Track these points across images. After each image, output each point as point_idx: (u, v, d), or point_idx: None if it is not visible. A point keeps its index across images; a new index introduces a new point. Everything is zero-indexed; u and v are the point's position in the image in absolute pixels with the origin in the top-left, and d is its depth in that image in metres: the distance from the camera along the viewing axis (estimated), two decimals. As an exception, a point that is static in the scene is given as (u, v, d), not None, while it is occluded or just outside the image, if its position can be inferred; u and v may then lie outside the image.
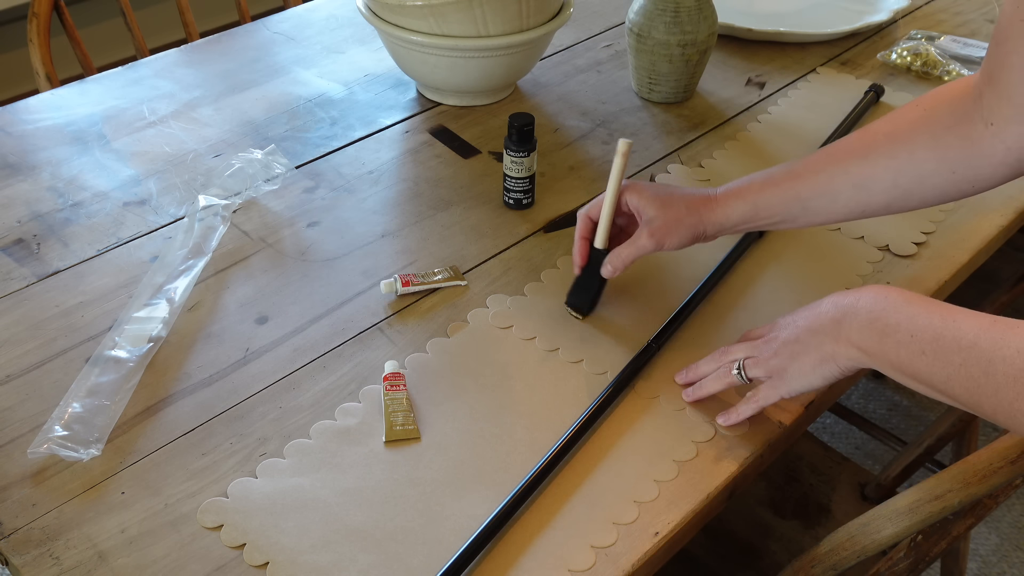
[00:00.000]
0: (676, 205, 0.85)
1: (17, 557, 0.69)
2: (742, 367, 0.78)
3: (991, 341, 0.63)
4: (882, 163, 0.80)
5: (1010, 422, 0.62)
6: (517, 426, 0.80)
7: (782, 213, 0.84)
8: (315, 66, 1.33)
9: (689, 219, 0.85)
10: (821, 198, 0.83)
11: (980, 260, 1.02)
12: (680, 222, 0.85)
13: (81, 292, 0.93)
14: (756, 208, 0.84)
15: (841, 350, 0.72)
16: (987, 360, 0.62)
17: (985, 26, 1.44)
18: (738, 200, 0.85)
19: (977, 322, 0.64)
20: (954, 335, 0.65)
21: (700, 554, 1.07)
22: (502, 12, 1.11)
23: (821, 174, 0.83)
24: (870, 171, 0.81)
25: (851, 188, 0.82)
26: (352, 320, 0.91)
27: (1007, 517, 1.71)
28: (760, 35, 1.37)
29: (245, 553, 0.70)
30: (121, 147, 1.15)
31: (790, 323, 0.77)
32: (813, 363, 0.74)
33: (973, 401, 0.64)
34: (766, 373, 0.77)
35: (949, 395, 0.66)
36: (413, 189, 1.09)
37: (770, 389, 0.77)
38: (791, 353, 0.75)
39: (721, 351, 0.81)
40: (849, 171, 0.81)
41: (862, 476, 1.17)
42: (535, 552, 0.70)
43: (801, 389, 0.76)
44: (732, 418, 0.79)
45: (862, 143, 0.82)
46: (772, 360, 0.76)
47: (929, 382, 0.67)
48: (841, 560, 0.77)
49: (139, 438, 0.79)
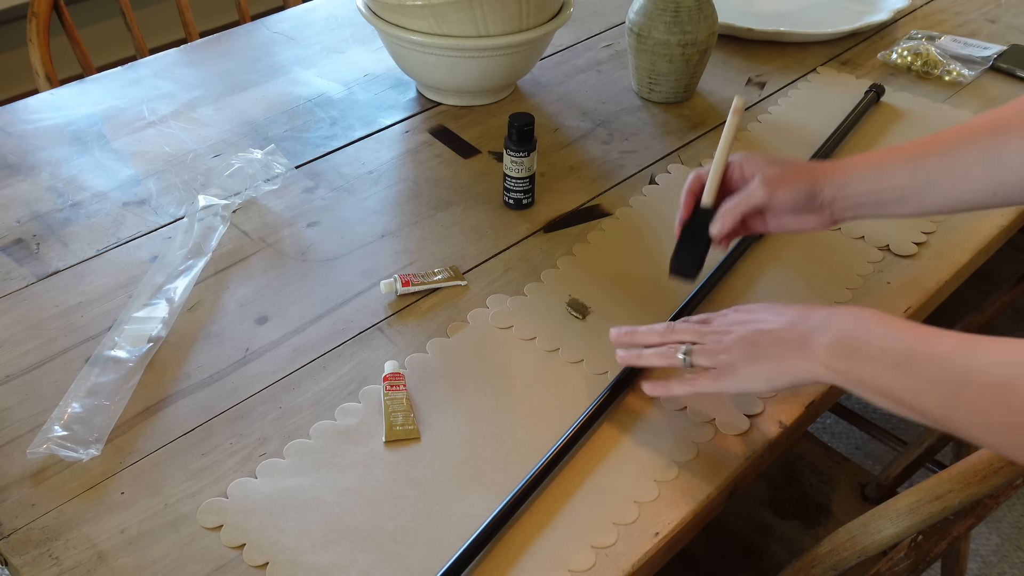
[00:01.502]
0: (792, 165, 0.82)
1: (17, 557, 0.69)
2: (688, 353, 0.76)
3: (966, 353, 0.62)
4: (1018, 143, 0.75)
5: (985, 435, 0.61)
6: (517, 426, 0.80)
7: (906, 185, 0.79)
8: (315, 66, 1.33)
9: (805, 176, 0.81)
10: (950, 173, 0.78)
11: (980, 260, 1.02)
12: (797, 176, 0.81)
13: (81, 292, 0.93)
14: (879, 175, 0.80)
15: (804, 365, 0.70)
16: (962, 371, 0.61)
17: (985, 26, 1.44)
18: (861, 166, 0.81)
19: (951, 338, 0.63)
20: (928, 349, 0.64)
21: (700, 554, 1.07)
22: (502, 12, 1.11)
23: (950, 146, 0.78)
24: (1004, 147, 0.76)
25: (982, 164, 0.77)
26: (352, 320, 0.91)
27: (1007, 517, 1.71)
28: (760, 35, 1.37)
29: (245, 553, 0.70)
30: (121, 147, 1.15)
31: (748, 320, 0.75)
32: (769, 372, 0.72)
33: (946, 415, 0.63)
34: (713, 365, 0.75)
35: (919, 409, 0.64)
36: (413, 189, 1.09)
37: (712, 381, 0.75)
38: (747, 355, 0.73)
39: (667, 328, 0.79)
40: (980, 144, 0.77)
41: (862, 476, 1.16)
42: (535, 552, 0.70)
43: (744, 390, 0.75)
44: (659, 390, 0.78)
45: (997, 118, 0.77)
46: (722, 355, 0.74)
47: (899, 397, 0.65)
48: (841, 560, 0.77)
49: (139, 438, 0.79)
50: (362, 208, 1.06)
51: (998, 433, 0.60)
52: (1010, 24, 1.44)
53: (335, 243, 1.00)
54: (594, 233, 1.02)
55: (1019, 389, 0.58)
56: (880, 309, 0.91)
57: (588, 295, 0.94)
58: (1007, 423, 0.59)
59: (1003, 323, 1.43)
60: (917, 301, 0.93)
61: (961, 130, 0.79)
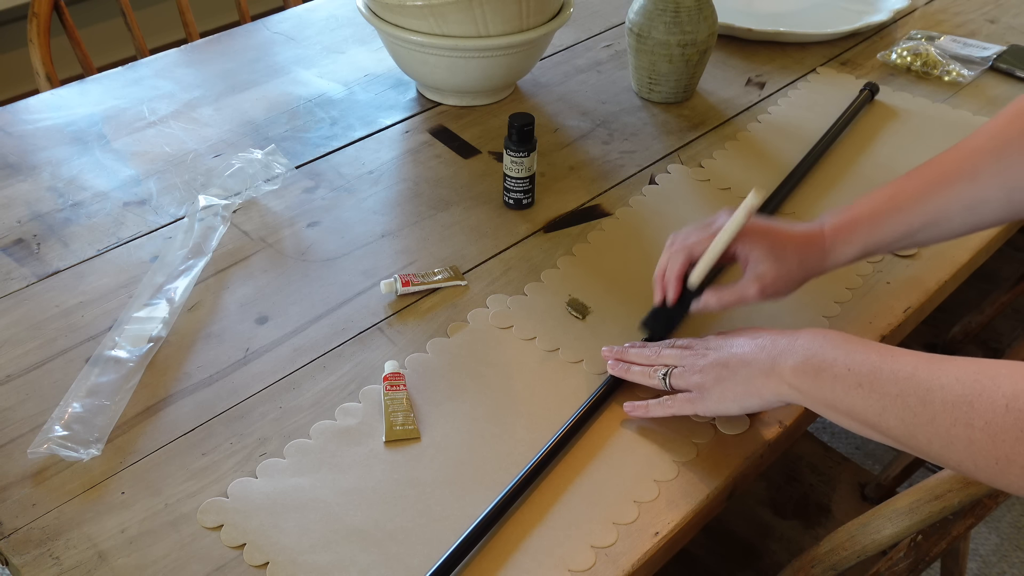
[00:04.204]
0: (788, 258, 0.82)
1: (17, 557, 0.69)
2: (668, 375, 0.79)
3: (929, 371, 0.63)
4: (993, 182, 0.79)
5: (945, 451, 0.61)
6: (517, 426, 0.80)
7: (891, 246, 0.84)
8: (315, 66, 1.33)
9: (800, 274, 0.83)
10: (933, 227, 0.82)
11: (980, 260, 1.02)
12: (792, 277, 0.83)
13: (81, 292, 0.93)
14: (866, 247, 0.83)
15: (771, 386, 0.72)
16: (925, 389, 0.62)
17: (985, 26, 1.44)
18: (847, 244, 0.83)
19: (915, 357, 0.64)
20: (892, 368, 0.65)
21: (700, 554, 1.07)
22: (502, 12, 1.11)
23: (930, 201, 0.81)
24: (981, 192, 0.79)
25: (964, 211, 0.80)
26: (352, 320, 0.91)
27: (1007, 517, 1.71)
28: (760, 35, 1.37)
29: (245, 553, 0.70)
30: (121, 147, 1.15)
31: (723, 345, 0.77)
32: (737, 393, 0.74)
33: (907, 432, 0.63)
34: (687, 387, 0.78)
35: (882, 429, 0.65)
36: (413, 189, 1.09)
37: (686, 402, 0.77)
38: (717, 376, 0.76)
39: (654, 351, 0.82)
40: (961, 194, 0.80)
41: (862, 476, 1.16)
42: (535, 552, 0.70)
43: (716, 412, 0.77)
44: (639, 412, 0.80)
45: (968, 162, 0.80)
46: (695, 376, 0.77)
47: (863, 416, 0.66)
48: (841, 560, 0.77)
49: (139, 438, 0.79)
50: (362, 208, 1.06)
51: (958, 451, 0.61)
52: (1010, 24, 1.44)
53: (335, 243, 1.00)
54: (594, 233, 1.02)
55: (979, 407, 0.59)
56: (880, 309, 0.92)
57: (588, 295, 0.94)
58: (967, 440, 0.60)
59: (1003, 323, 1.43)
60: (917, 301, 0.94)
61: (936, 180, 0.81)
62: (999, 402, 0.58)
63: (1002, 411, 0.58)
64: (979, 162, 0.80)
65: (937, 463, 0.65)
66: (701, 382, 0.76)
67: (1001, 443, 0.58)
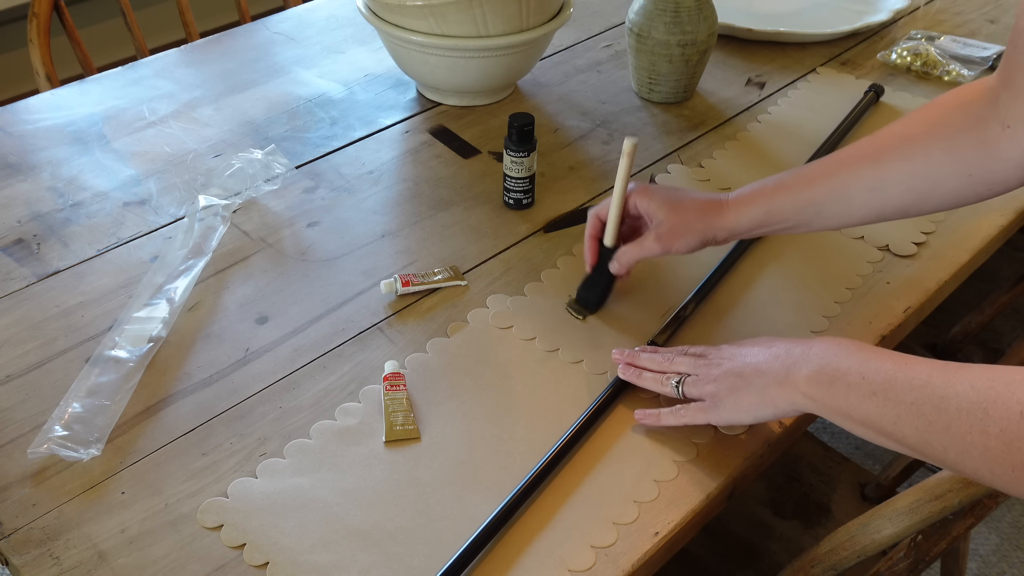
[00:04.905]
0: (686, 210, 0.85)
1: (17, 557, 0.69)
2: (681, 383, 0.79)
3: (943, 379, 0.62)
4: (896, 166, 0.80)
5: (961, 459, 0.61)
6: (517, 426, 0.80)
7: (795, 218, 0.84)
8: (315, 66, 1.33)
9: (698, 224, 0.85)
10: (835, 203, 0.82)
11: (980, 260, 1.02)
12: (689, 227, 0.85)
13: (81, 292, 0.93)
14: (769, 213, 0.84)
15: (785, 395, 0.72)
16: (939, 396, 0.62)
17: (985, 26, 1.44)
18: (750, 205, 0.84)
19: (929, 365, 0.64)
20: (906, 376, 0.65)
21: (700, 554, 1.07)
22: (502, 12, 1.11)
23: (834, 178, 0.82)
24: (884, 174, 0.80)
25: (865, 192, 0.81)
26: (352, 320, 0.91)
27: (1007, 517, 1.71)
28: (760, 35, 1.37)
29: (245, 553, 0.70)
30: (121, 147, 1.15)
31: (737, 354, 0.77)
32: (751, 403, 0.74)
33: (923, 440, 0.63)
34: (700, 396, 0.77)
35: (897, 437, 0.65)
36: (413, 189, 1.09)
37: (699, 412, 0.77)
38: (731, 386, 0.75)
39: (666, 357, 0.82)
40: (863, 175, 0.81)
41: (862, 476, 1.16)
42: (535, 552, 0.70)
43: (730, 421, 0.77)
44: (650, 420, 0.80)
45: (876, 146, 0.82)
46: (709, 385, 0.77)
47: (878, 425, 0.66)
48: (841, 560, 0.77)
49: (139, 438, 0.79)
50: (362, 208, 1.06)
51: (974, 458, 0.60)
52: (1010, 24, 1.44)
53: (335, 243, 1.00)
54: (594, 233, 1.02)
55: (994, 414, 0.59)
56: (880, 309, 0.92)
57: (588, 295, 0.94)
58: (983, 447, 0.59)
59: (1003, 323, 1.43)
60: (917, 301, 0.94)
61: (844, 159, 0.83)
62: (1014, 409, 0.58)
63: (1017, 418, 0.57)
64: (885, 146, 0.81)
65: (953, 471, 0.65)
66: (715, 391, 0.76)
67: (1017, 450, 0.57)
